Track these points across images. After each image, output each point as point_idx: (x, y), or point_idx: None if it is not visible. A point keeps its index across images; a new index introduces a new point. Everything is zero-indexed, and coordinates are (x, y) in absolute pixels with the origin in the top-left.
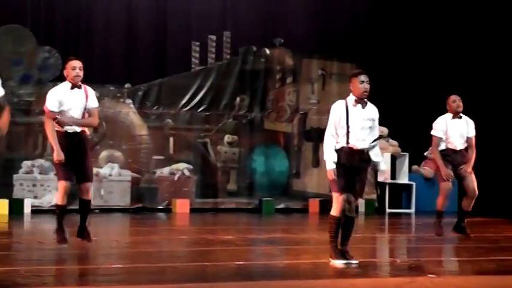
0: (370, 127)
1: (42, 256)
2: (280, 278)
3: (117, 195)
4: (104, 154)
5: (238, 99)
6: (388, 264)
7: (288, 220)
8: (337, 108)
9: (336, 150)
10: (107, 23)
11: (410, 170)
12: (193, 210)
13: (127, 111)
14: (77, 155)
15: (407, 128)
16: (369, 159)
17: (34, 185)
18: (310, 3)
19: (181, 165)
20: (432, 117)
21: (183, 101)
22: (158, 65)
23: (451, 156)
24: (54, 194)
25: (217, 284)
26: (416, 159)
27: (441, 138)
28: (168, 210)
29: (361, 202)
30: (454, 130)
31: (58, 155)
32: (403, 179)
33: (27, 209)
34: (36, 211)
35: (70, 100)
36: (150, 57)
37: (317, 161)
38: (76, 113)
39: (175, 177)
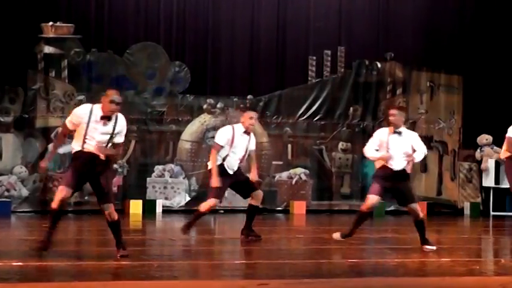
0: None
1: (172, 252)
2: (391, 276)
3: (240, 197)
4: None
5: (351, 109)
6: (493, 264)
7: (397, 221)
8: None
9: None
10: (232, 39)
11: None
12: (309, 211)
13: None
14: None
15: None
16: None
17: (165, 187)
18: (418, 18)
19: (299, 170)
20: None
21: (301, 111)
22: (278, 78)
23: None
24: (183, 195)
25: (332, 280)
26: None
27: None
28: (286, 211)
29: (466, 205)
30: None
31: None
32: (507, 183)
33: (158, 209)
34: (167, 211)
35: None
36: (270, 71)
37: (425, 166)
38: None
39: (293, 181)
